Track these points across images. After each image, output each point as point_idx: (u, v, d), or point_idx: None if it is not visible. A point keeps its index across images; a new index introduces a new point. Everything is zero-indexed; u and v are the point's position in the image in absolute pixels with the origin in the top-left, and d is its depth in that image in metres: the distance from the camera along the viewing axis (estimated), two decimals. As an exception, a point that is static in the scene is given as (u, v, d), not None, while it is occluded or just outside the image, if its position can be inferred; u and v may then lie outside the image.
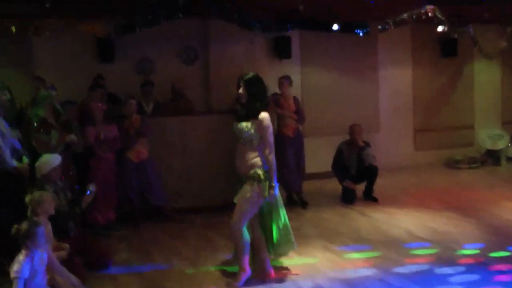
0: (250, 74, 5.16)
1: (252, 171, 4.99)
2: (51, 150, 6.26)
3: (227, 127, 7.92)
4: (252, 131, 4.98)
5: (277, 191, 5.06)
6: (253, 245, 5.25)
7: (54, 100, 6.91)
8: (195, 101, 9.34)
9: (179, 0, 7.84)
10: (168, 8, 7.95)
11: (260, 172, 4.97)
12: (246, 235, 5.07)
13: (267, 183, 4.96)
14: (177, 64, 9.64)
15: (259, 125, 4.97)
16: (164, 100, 8.95)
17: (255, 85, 5.08)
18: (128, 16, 8.38)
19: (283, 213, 5.22)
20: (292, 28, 9.68)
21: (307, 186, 8.61)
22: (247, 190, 4.99)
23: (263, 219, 5.24)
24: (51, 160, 5.66)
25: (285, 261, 5.61)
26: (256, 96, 5.04)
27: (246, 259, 5.12)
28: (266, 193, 4.96)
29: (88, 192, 5.61)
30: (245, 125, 5.01)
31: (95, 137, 7.02)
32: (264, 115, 4.99)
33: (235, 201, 5.09)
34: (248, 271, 5.15)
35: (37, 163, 5.66)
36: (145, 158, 7.45)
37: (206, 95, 9.79)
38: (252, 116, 5.01)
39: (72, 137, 6.72)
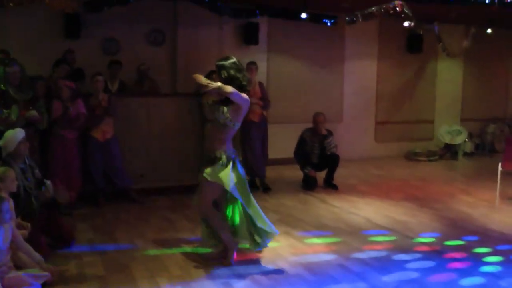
0: (222, 60, 5.07)
1: (217, 152, 5.02)
2: (11, 125, 6.11)
3: (192, 110, 8.05)
4: (228, 115, 4.97)
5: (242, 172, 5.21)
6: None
7: (15, 75, 6.68)
8: (161, 83, 9.32)
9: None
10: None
11: (224, 156, 5.02)
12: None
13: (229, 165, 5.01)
14: (144, 46, 9.58)
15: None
16: (128, 81, 8.87)
17: (227, 70, 4.99)
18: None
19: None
20: (261, 15, 9.72)
21: (269, 172, 8.69)
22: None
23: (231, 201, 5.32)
24: (15, 135, 5.36)
25: (247, 245, 5.67)
26: (228, 80, 4.96)
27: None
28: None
29: (43, 188, 5.39)
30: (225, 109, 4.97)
31: (62, 113, 6.90)
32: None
33: (209, 178, 5.04)
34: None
35: (1, 142, 5.36)
36: (110, 137, 7.37)
37: (172, 78, 9.77)
38: (226, 100, 4.97)
39: (33, 112, 6.58)
